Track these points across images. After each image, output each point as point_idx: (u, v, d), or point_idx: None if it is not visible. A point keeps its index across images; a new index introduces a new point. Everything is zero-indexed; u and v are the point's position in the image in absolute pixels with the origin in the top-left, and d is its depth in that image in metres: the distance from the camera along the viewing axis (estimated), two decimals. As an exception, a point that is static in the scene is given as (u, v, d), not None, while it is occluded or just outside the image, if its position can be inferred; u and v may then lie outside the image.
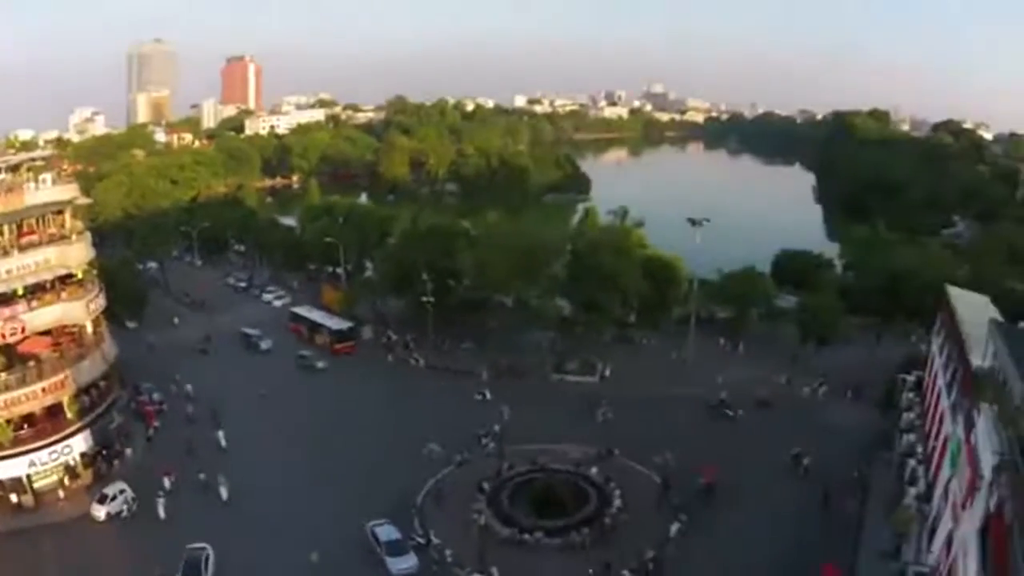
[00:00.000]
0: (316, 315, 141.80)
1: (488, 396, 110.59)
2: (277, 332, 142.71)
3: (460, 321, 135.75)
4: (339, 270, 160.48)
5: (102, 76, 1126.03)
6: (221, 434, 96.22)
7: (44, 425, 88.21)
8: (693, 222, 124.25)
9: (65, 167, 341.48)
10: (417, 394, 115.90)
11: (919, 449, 72.95)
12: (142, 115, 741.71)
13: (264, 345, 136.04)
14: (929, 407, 75.41)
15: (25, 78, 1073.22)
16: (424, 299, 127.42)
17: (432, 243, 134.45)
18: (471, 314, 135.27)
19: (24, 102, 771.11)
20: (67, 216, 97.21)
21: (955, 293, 79.01)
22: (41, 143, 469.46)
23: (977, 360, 55.10)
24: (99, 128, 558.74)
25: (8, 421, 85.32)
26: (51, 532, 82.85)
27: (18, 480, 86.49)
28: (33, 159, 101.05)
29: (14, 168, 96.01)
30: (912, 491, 66.93)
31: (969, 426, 49.42)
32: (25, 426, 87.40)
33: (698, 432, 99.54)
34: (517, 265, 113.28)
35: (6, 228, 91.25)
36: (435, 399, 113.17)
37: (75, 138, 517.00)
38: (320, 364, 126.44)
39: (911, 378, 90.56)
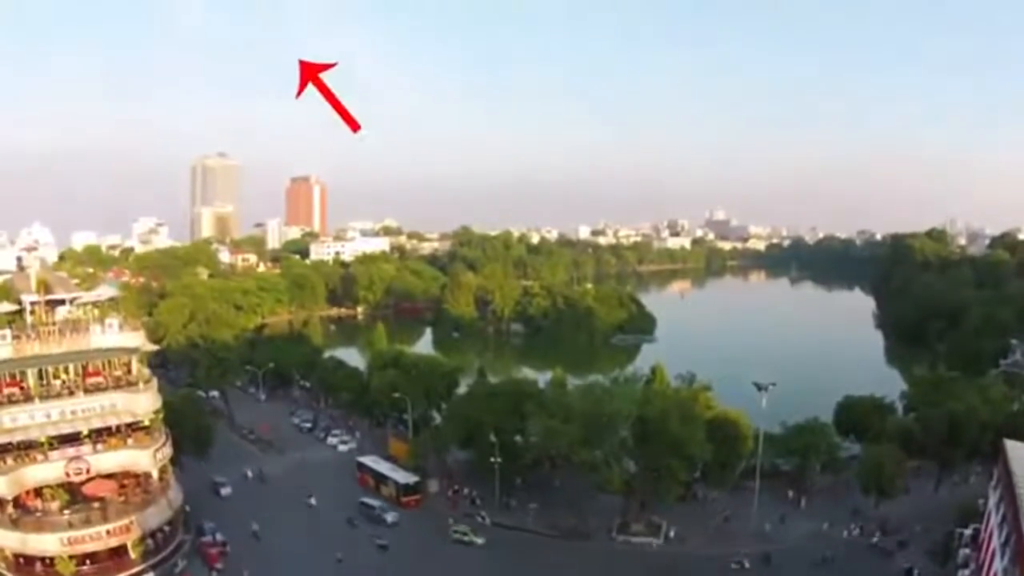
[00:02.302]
0: (383, 467, 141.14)
1: (746, 565, 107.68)
2: (344, 480, 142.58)
3: (526, 478, 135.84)
4: (405, 416, 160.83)
5: (165, 184, 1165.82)
6: None
7: (107, 564, 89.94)
8: (759, 387, 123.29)
9: (127, 276, 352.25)
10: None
11: (973, 612, 71.80)
12: (206, 229, 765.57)
13: (391, 518, 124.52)
14: (984, 564, 74.26)
15: (88, 180, 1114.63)
16: (492, 459, 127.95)
17: (500, 402, 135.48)
18: (537, 472, 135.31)
19: (87, 204, 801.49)
20: (134, 362, 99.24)
21: (1011, 447, 77.95)
22: (104, 248, 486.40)
23: (1030, 531, 54.31)
24: (163, 240, 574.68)
25: (71, 556, 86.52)
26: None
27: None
28: (99, 299, 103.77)
29: (80, 305, 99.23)
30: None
31: (1017, 600, 48.99)
32: (88, 562, 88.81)
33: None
34: (585, 432, 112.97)
35: (71, 368, 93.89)
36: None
37: (138, 247, 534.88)
38: (480, 541, 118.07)
39: (968, 532, 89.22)
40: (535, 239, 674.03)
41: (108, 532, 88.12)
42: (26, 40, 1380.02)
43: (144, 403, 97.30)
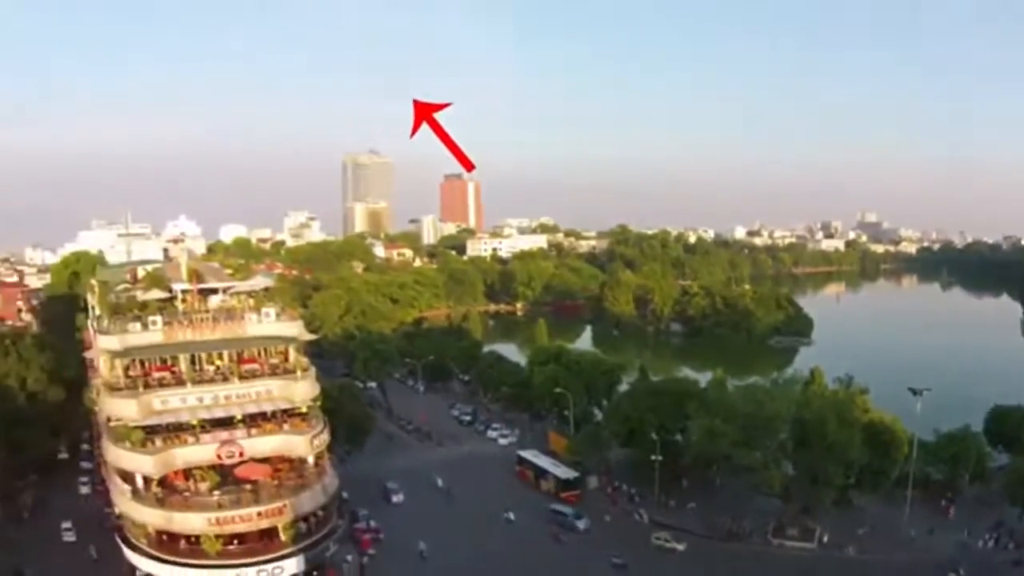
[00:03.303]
0: (543, 461, 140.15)
1: (962, 573, 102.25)
2: (505, 474, 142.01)
3: (687, 478, 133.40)
4: (565, 412, 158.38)
5: (316, 180, 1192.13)
6: None
7: (255, 544, 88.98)
8: (914, 392, 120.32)
9: (280, 269, 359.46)
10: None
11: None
12: (359, 224, 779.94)
13: (582, 525, 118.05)
14: None
15: (238, 174, 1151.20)
16: (652, 457, 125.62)
17: (662, 401, 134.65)
18: (698, 472, 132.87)
19: (238, 197, 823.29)
20: (291, 351, 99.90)
21: None
22: (254, 241, 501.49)
23: None
24: (314, 234, 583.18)
25: (218, 536, 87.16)
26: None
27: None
28: (253, 288, 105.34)
29: (234, 294, 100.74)
30: None
31: None
32: (235, 542, 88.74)
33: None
34: (745, 433, 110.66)
35: (226, 354, 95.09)
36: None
37: (289, 240, 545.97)
38: (681, 547, 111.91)
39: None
40: (692, 239, 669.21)
41: (259, 514, 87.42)
42: (185, 34, 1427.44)
43: (301, 390, 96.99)
